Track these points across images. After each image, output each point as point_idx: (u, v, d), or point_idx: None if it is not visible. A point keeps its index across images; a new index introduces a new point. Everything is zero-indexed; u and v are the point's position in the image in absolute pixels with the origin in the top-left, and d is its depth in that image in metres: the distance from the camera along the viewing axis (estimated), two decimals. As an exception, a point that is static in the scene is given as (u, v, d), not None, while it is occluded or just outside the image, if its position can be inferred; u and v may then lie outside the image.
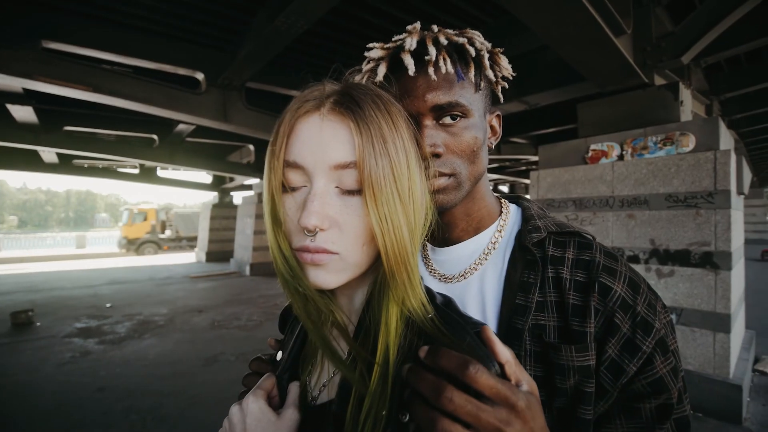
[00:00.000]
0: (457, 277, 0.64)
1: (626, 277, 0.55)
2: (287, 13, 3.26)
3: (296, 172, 0.43)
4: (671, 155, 3.28)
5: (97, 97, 4.45)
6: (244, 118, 5.49)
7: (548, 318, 0.55)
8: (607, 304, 0.53)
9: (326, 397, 0.50)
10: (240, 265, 12.06)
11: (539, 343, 0.54)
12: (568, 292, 0.55)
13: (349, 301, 0.51)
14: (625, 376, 0.51)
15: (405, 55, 0.55)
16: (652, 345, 0.51)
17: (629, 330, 0.52)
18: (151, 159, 9.15)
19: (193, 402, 3.28)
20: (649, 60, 3.50)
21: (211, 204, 14.94)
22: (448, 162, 0.57)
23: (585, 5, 2.49)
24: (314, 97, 0.44)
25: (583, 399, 0.51)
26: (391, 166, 0.42)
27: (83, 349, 4.67)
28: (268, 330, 5.50)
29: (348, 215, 0.42)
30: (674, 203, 3.22)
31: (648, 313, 0.53)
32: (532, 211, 0.66)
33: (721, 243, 3.00)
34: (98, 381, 3.72)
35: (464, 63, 0.57)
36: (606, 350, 0.52)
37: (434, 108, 0.55)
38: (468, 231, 0.65)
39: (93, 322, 5.94)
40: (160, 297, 7.91)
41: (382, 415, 0.39)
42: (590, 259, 0.57)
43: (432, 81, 0.55)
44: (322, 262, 0.42)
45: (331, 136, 0.41)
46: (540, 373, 0.54)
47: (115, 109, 5.30)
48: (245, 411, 0.48)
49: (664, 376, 0.51)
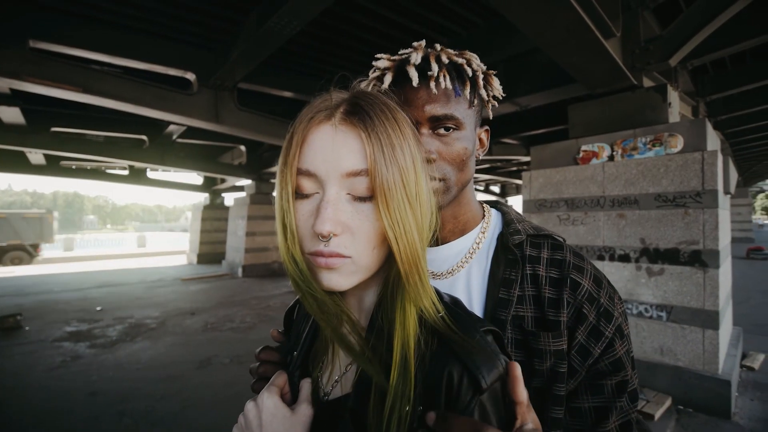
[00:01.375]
0: (445, 273, 0.70)
1: (591, 275, 0.64)
2: (281, 14, 3.26)
3: (309, 180, 0.45)
4: (660, 156, 3.34)
5: (87, 98, 4.39)
6: (236, 119, 5.46)
7: (527, 310, 0.63)
8: (576, 297, 0.61)
9: (339, 392, 0.51)
10: (232, 267, 11.96)
11: (520, 332, 0.62)
12: (544, 287, 0.63)
13: (358, 302, 0.53)
14: (591, 357, 0.60)
15: (410, 68, 0.61)
16: (612, 330, 0.61)
17: (594, 319, 0.61)
18: (141, 160, 9.04)
19: (186, 405, 3.25)
20: (638, 62, 3.57)
21: (202, 205, 14.80)
22: (439, 168, 0.63)
23: (575, 7, 2.53)
24: (325, 107, 0.46)
25: (557, 378, 0.59)
26: (400, 172, 0.43)
27: (74, 353, 4.60)
28: (262, 332, 5.47)
29: (359, 221, 0.44)
30: (663, 203, 3.28)
31: (609, 305, 0.63)
32: (512, 215, 0.74)
33: (709, 242, 3.07)
34: (90, 385, 3.67)
35: (461, 81, 0.64)
36: (576, 336, 0.60)
37: (431, 118, 0.61)
38: (455, 232, 0.72)
39: (83, 325, 5.84)
40: (152, 300, 7.81)
41: (406, 411, 0.41)
42: (562, 258, 0.65)
43: (432, 94, 0.61)
44: (335, 266, 0.44)
45: (343, 145, 0.43)
46: (521, 358, 0.61)
47: (105, 109, 5.24)
48: (260, 407, 0.49)
49: (622, 357, 0.61)
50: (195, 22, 4.31)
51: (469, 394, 0.40)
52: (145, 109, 4.79)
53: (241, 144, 9.95)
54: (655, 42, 3.48)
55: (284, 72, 5.57)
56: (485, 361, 0.42)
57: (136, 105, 4.67)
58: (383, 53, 0.66)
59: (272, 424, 0.48)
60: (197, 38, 4.68)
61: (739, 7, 2.96)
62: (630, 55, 3.58)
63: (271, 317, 6.31)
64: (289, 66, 5.47)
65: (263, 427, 0.48)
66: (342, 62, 5.26)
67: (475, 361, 0.42)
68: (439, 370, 0.43)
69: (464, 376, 0.41)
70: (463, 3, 3.98)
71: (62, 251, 20.56)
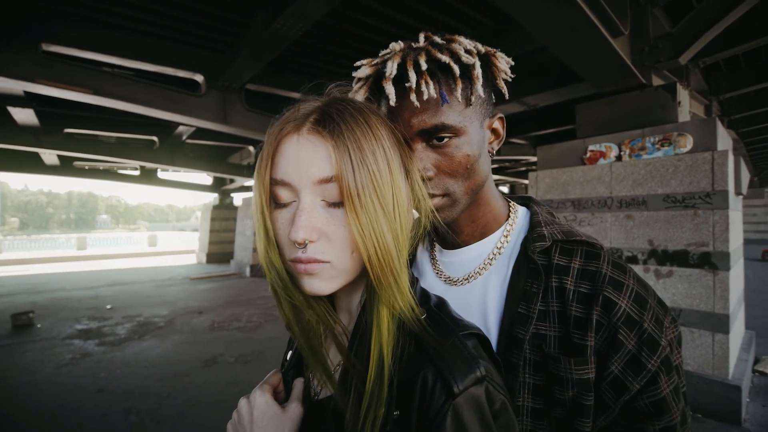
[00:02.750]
0: (461, 280, 0.65)
1: (633, 292, 0.54)
2: (286, 16, 3.28)
3: (285, 189, 0.45)
4: (669, 156, 3.28)
5: (98, 100, 4.47)
6: (243, 119, 5.51)
7: (549, 328, 0.55)
8: (611, 319, 0.51)
9: (327, 392, 0.52)
10: (240, 267, 12.08)
11: (539, 353, 0.54)
12: (570, 303, 0.54)
13: (346, 305, 0.54)
14: (627, 393, 0.50)
15: (386, 84, 0.54)
16: (657, 363, 0.50)
17: (634, 347, 0.51)
18: (151, 161, 9.18)
19: (192, 403, 3.29)
20: (647, 61, 3.51)
21: (211, 205, 14.97)
22: (440, 183, 0.57)
23: (581, 6, 2.50)
24: (294, 117, 0.46)
25: (581, 412, 0.51)
26: (371, 176, 0.43)
27: (83, 350, 4.68)
28: (268, 331, 5.51)
29: (335, 226, 0.44)
30: (672, 204, 3.22)
31: (654, 330, 0.52)
32: (540, 216, 0.64)
33: (720, 243, 3.00)
34: (98, 382, 3.73)
35: (452, 79, 0.55)
36: (609, 366, 0.51)
37: (421, 132, 0.55)
38: (474, 236, 0.65)
39: (93, 323, 5.95)
40: (161, 298, 7.92)
41: (380, 413, 0.41)
42: (596, 270, 0.55)
43: (415, 107, 0.54)
44: (315, 271, 0.45)
45: (311, 153, 0.44)
46: (539, 382, 0.54)
47: (116, 111, 5.33)
48: (252, 404, 0.51)
49: (667, 396, 0.50)
50: (202, 25, 4.36)
51: (442, 399, 0.40)
52: (155, 110, 4.86)
53: (249, 144, 10.03)
54: (664, 40, 3.41)
55: (291, 73, 5.61)
56: (460, 366, 0.41)
57: (146, 107, 4.74)
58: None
59: (262, 421, 0.49)
60: (205, 40, 4.73)
61: (751, 3, 2.89)
62: (639, 53, 3.52)
63: (277, 317, 6.34)
64: (296, 67, 5.51)
65: (254, 424, 0.49)
66: (347, 62, 5.26)
67: (448, 365, 0.41)
68: (414, 373, 0.42)
69: (437, 380, 0.41)
70: (470, 2, 3.95)
71: (75, 250, 21.00)
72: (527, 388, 0.55)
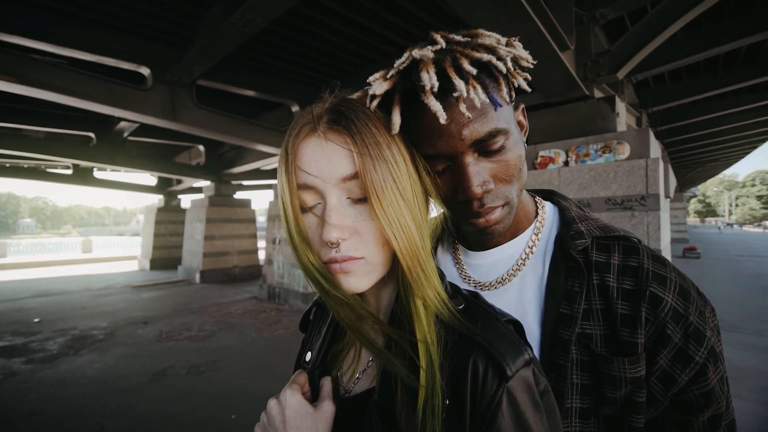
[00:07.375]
0: (494, 284, 0.61)
1: (677, 285, 0.53)
2: (244, 10, 3.17)
3: (308, 193, 0.46)
4: (609, 162, 3.59)
5: (25, 90, 4.02)
6: (194, 117, 5.22)
7: (594, 327, 0.53)
8: (658, 315, 0.51)
9: (362, 388, 0.52)
10: (189, 273, 11.39)
11: (587, 353, 0.53)
12: (615, 300, 0.53)
13: (376, 302, 0.55)
14: (676, 386, 0.50)
15: (428, 99, 0.46)
16: (705, 355, 0.50)
17: (681, 340, 0.51)
18: (87, 159, 8.40)
19: (140, 421, 3.04)
20: (590, 74, 3.82)
21: (155, 207, 13.99)
22: (500, 193, 0.52)
23: (534, 20, 2.67)
24: (308, 120, 0.47)
25: (635, 409, 0.51)
26: (390, 168, 0.45)
27: (7, 369, 4.17)
28: (222, 340, 5.24)
29: (364, 221, 0.45)
30: (613, 206, 3.52)
31: (699, 322, 0.52)
32: (572, 212, 0.62)
33: (653, 241, 3.33)
34: (28, 404, 3.34)
35: (494, 79, 0.51)
36: (657, 360, 0.51)
37: (474, 143, 0.49)
38: (505, 235, 0.61)
39: (18, 339, 5.32)
40: (98, 309, 7.26)
41: (437, 402, 0.41)
42: (638, 265, 0.54)
43: (466, 118, 0.48)
44: (350, 269, 0.45)
45: (333, 153, 0.44)
46: (587, 382, 0.53)
47: (48, 103, 4.84)
48: (284, 404, 0.50)
49: (715, 386, 0.51)
50: (150, 14, 4.08)
51: (495, 382, 0.40)
52: (93, 104, 4.46)
53: (199, 143, 9.53)
54: (604, 56, 3.74)
55: (247, 70, 5.41)
56: (509, 348, 0.42)
57: (83, 99, 4.33)
58: (348, 56, 0.57)
59: (296, 421, 0.49)
60: (153, 30, 4.43)
61: (674, 29, 3.27)
62: (582, 67, 3.83)
63: (232, 324, 6.07)
64: (253, 64, 5.32)
65: (287, 424, 0.48)
66: (308, 63, 5.19)
67: (498, 349, 0.41)
68: (462, 360, 0.43)
69: (489, 364, 0.41)
70: (428, 10, 4.06)
71: (-7, 258, 18.65)
72: (575, 389, 0.54)
